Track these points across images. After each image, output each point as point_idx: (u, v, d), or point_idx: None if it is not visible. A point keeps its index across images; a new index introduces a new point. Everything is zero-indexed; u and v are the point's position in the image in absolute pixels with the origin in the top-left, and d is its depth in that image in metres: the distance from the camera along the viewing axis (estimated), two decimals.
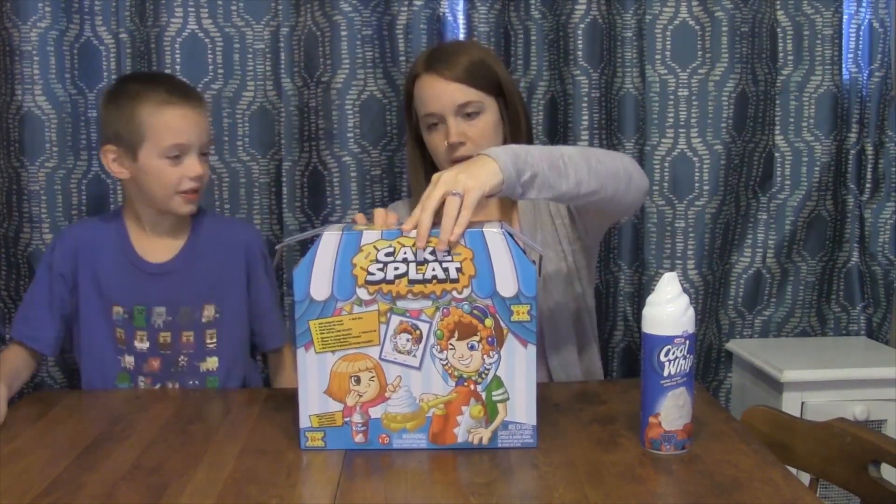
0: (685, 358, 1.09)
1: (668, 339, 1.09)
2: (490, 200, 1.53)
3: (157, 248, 1.53)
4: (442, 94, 1.47)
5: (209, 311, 1.53)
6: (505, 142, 1.53)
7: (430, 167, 1.55)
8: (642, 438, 1.13)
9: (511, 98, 1.53)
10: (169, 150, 1.45)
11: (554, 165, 1.21)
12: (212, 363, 1.53)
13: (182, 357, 1.52)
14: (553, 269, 1.52)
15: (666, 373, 1.09)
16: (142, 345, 1.51)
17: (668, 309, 1.10)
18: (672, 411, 1.10)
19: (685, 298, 1.11)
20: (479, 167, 1.14)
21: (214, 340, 1.53)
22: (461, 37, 1.89)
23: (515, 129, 1.53)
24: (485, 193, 1.12)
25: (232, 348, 1.56)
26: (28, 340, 1.51)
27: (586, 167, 1.25)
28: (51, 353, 1.54)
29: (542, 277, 1.50)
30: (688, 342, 1.09)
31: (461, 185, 1.10)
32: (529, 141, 1.56)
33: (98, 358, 1.52)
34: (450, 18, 1.90)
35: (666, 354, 1.09)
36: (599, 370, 1.61)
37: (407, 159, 1.64)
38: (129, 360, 1.52)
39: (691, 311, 1.11)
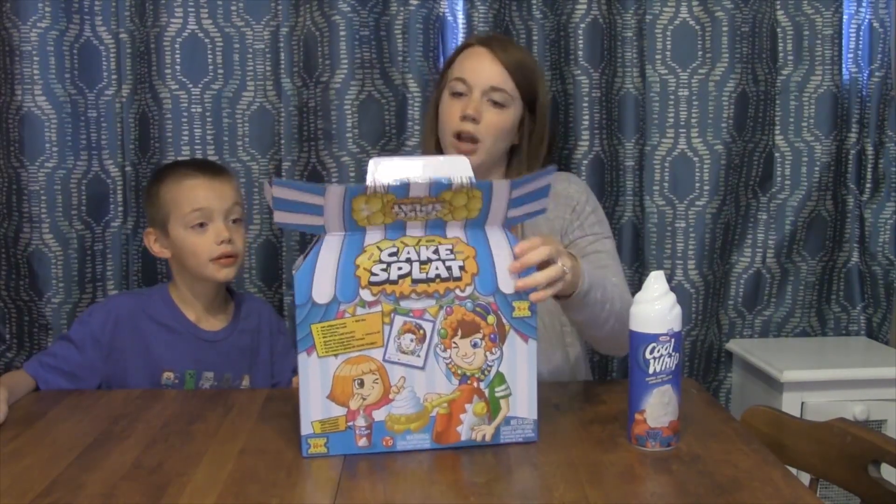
0: (671, 356, 1.10)
1: (654, 337, 1.10)
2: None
3: (208, 319, 1.58)
4: (484, 68, 1.48)
5: (245, 382, 1.58)
6: (511, 150, 1.53)
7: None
8: (629, 435, 1.14)
9: (540, 114, 1.53)
10: (190, 217, 1.50)
11: (602, 308, 1.27)
12: None
13: None
14: None
15: (651, 370, 1.10)
16: None
17: (655, 307, 1.11)
18: (657, 408, 1.11)
19: (672, 297, 1.12)
20: (577, 263, 1.20)
21: None
22: (460, 36, 1.89)
23: (535, 146, 1.53)
24: (563, 289, 1.17)
25: None
26: (37, 378, 1.49)
27: (614, 326, 1.29)
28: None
29: None
30: (673, 340, 1.10)
31: (566, 263, 1.16)
32: (540, 160, 1.53)
33: None
34: (449, 18, 1.90)
35: (651, 352, 1.10)
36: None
37: (426, 121, 1.61)
38: None
39: (678, 310, 1.11)
